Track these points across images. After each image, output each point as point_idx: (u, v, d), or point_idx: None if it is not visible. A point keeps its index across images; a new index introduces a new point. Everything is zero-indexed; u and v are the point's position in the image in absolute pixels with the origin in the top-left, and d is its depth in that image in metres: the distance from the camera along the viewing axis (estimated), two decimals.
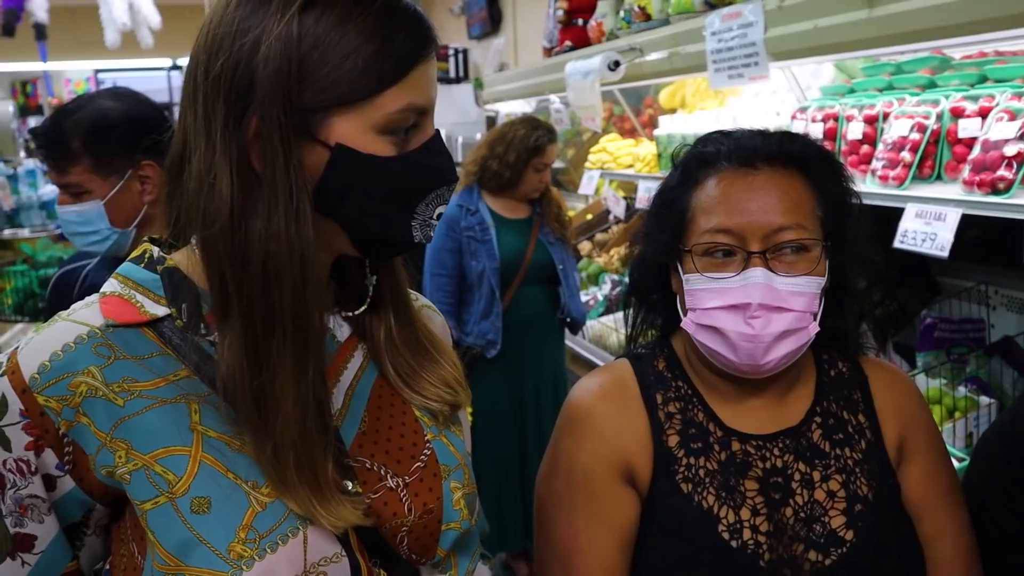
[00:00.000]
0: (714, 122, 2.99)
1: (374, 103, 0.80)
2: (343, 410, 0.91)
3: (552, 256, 3.29)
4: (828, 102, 2.26)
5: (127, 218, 1.73)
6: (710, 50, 2.34)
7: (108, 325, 0.83)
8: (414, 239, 0.87)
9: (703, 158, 1.16)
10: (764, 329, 1.07)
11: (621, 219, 4.08)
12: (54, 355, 0.81)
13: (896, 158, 1.90)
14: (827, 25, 1.89)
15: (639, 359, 1.23)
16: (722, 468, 1.14)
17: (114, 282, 0.87)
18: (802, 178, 1.13)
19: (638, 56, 2.83)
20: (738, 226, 1.09)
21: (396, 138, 0.83)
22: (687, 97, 3.57)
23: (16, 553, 0.84)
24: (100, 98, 1.78)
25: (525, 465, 3.30)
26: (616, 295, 3.51)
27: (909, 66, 2.12)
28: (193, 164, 0.81)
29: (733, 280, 1.09)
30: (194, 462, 0.81)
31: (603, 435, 1.16)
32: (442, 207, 0.88)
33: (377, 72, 0.80)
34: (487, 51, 6.23)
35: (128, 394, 0.81)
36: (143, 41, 5.12)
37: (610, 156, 3.91)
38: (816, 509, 1.13)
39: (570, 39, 3.57)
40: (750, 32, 2.17)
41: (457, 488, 0.95)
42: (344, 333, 0.94)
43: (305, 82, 0.78)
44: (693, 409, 1.18)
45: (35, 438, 0.80)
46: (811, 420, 1.18)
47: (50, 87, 8.40)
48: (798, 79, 2.63)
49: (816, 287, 1.10)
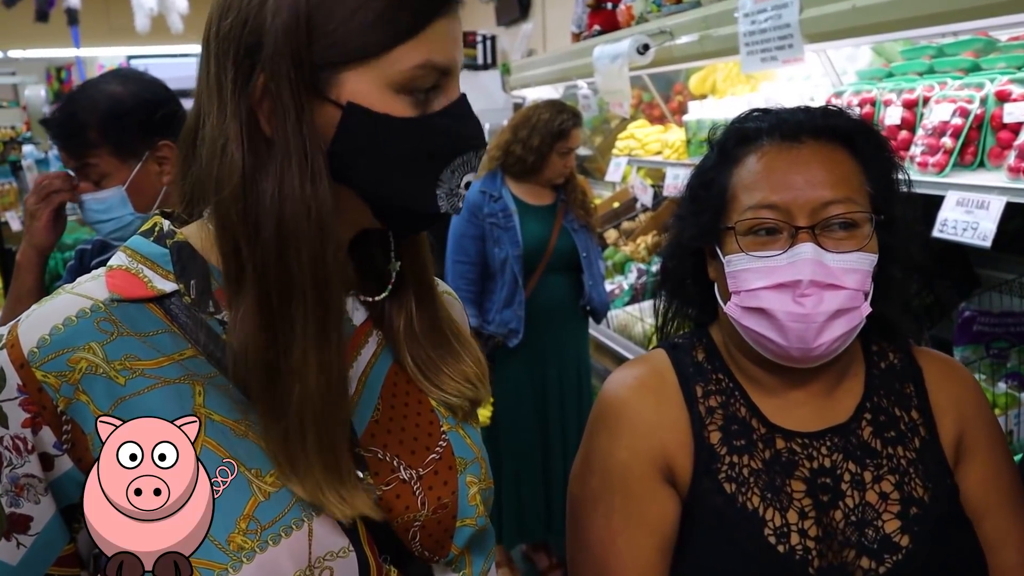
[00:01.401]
0: (746, 107, 2.91)
1: (388, 58, 0.76)
2: (355, 397, 0.86)
3: (576, 244, 3.23)
4: (865, 86, 2.19)
5: (148, 201, 1.72)
6: (742, 32, 2.27)
7: (113, 300, 0.80)
8: (439, 208, 0.81)
9: (743, 134, 1.11)
10: (816, 307, 1.01)
11: (648, 207, 4.01)
12: (54, 329, 0.78)
13: (936, 144, 1.83)
14: (866, 5, 1.82)
15: (676, 349, 1.17)
16: (767, 467, 1.08)
17: (122, 255, 0.84)
18: (848, 153, 1.07)
19: (668, 39, 2.77)
20: (784, 201, 1.03)
21: (415, 98, 0.78)
22: (718, 83, 3.49)
23: (11, 534, 0.81)
24: (108, 83, 1.77)
25: (547, 455, 3.26)
26: (642, 284, 3.45)
27: (951, 49, 2.04)
28: (206, 130, 0.78)
29: (780, 258, 1.02)
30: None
31: (640, 431, 1.10)
32: (470, 175, 0.83)
33: (391, 25, 0.75)
34: (515, 38, 6.18)
35: (130, 372, 0.78)
36: (173, 27, 5.13)
37: (638, 143, 3.85)
38: (868, 512, 1.06)
39: (599, 23, 3.51)
40: (784, 13, 2.10)
41: (473, 483, 0.90)
42: (359, 317, 0.90)
43: (314, 36, 0.74)
44: (735, 403, 1.11)
45: (32, 415, 0.77)
46: (861, 417, 1.11)
47: (83, 73, 8.48)
48: (833, 63, 2.55)
49: (868, 264, 1.04)
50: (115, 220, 1.73)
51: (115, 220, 1.73)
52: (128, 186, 1.70)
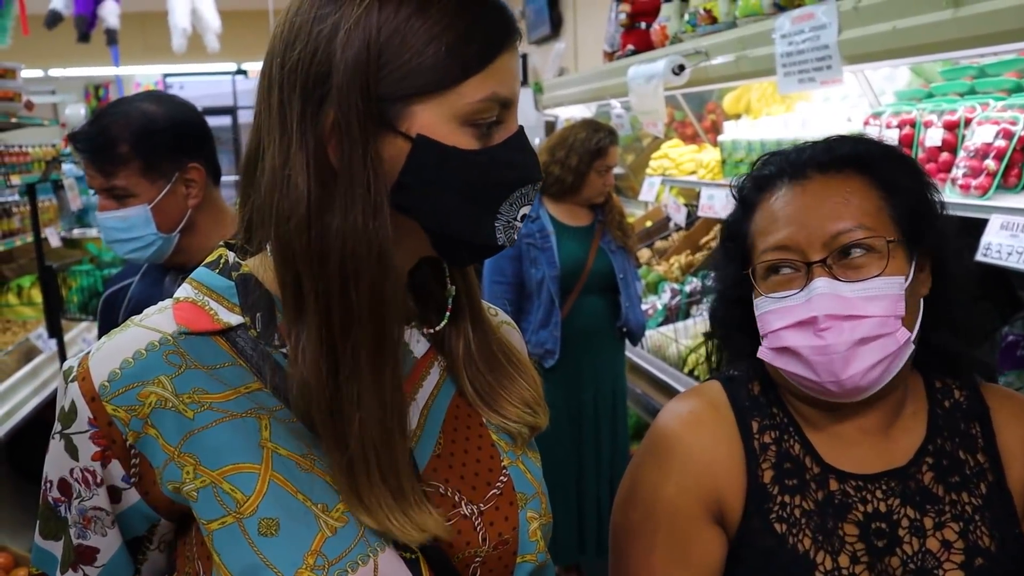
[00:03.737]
0: (782, 128, 2.90)
1: (457, 92, 0.76)
2: (418, 430, 0.86)
3: (613, 265, 3.21)
4: (904, 107, 2.16)
5: (172, 223, 1.71)
6: (779, 53, 2.26)
7: (180, 332, 0.81)
8: (497, 241, 0.82)
9: (758, 182, 1.11)
10: (837, 338, 0.98)
11: (682, 226, 4.00)
12: (125, 363, 0.79)
13: (979, 166, 1.80)
14: (907, 26, 1.81)
15: (732, 381, 1.14)
16: (819, 508, 1.04)
17: (188, 288, 0.84)
18: (861, 178, 1.05)
19: (703, 60, 2.76)
20: (793, 239, 1.02)
21: (479, 131, 0.78)
22: (752, 102, 3.47)
23: (78, 565, 0.83)
24: (141, 101, 1.76)
25: (581, 477, 3.24)
26: (676, 304, 3.43)
27: (993, 69, 2.01)
28: (267, 160, 0.78)
29: (797, 296, 1.01)
30: (263, 481, 0.77)
31: (692, 468, 1.07)
32: (526, 208, 0.83)
33: (460, 59, 0.76)
34: (547, 56, 6.20)
35: (198, 406, 0.78)
36: (210, 46, 5.21)
37: (672, 162, 3.84)
38: (929, 560, 1.02)
39: (633, 43, 3.51)
40: (823, 34, 2.09)
41: (534, 518, 0.89)
42: (421, 349, 0.90)
43: (385, 69, 0.74)
44: (789, 440, 1.08)
45: (102, 448, 0.78)
46: (922, 460, 1.06)
47: (122, 90, 8.63)
48: (871, 83, 2.53)
49: (896, 287, 0.99)
50: (136, 240, 1.70)
51: (136, 240, 1.70)
52: (154, 206, 1.68)
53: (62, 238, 4.56)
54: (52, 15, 4.36)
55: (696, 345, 2.88)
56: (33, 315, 4.21)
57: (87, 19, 4.54)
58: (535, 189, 0.83)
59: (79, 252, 4.94)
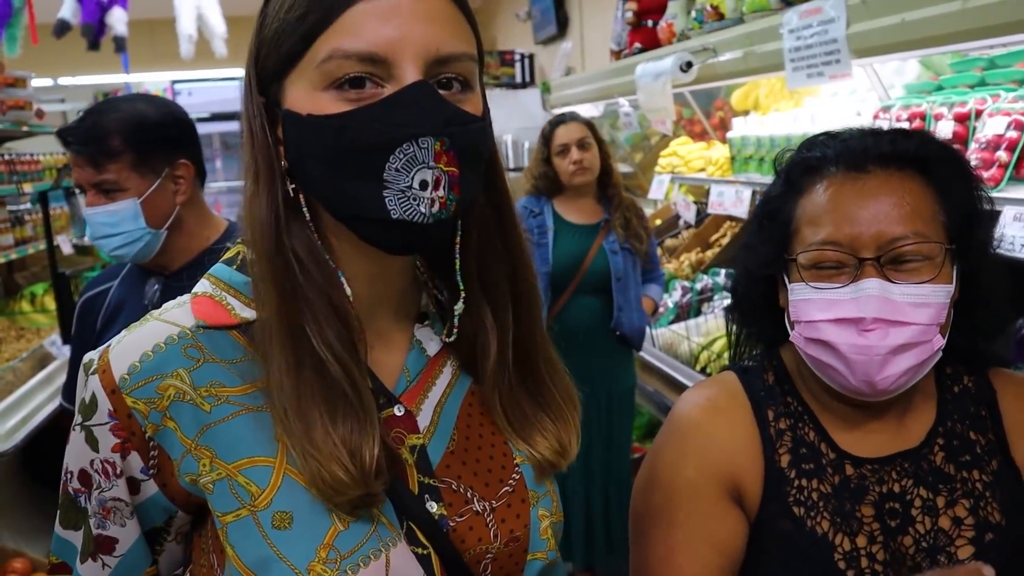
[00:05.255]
0: (791, 123, 2.89)
1: (309, 57, 0.75)
2: (431, 427, 0.86)
3: (610, 265, 3.17)
4: (914, 100, 2.16)
5: (160, 218, 1.73)
6: (787, 48, 2.26)
7: (199, 326, 0.82)
8: (391, 213, 0.73)
9: (808, 164, 1.07)
10: (881, 341, 0.97)
11: (691, 224, 3.99)
12: (144, 356, 0.79)
13: (991, 158, 1.79)
14: (916, 19, 1.80)
15: (747, 372, 1.15)
16: (835, 492, 1.05)
17: (206, 283, 0.86)
18: (920, 180, 1.02)
19: (711, 56, 2.76)
20: (848, 238, 1.00)
21: (345, 94, 0.74)
22: (760, 98, 3.47)
23: (97, 555, 0.84)
24: (134, 101, 1.80)
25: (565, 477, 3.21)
26: (687, 302, 3.42)
27: (1003, 60, 2.00)
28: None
29: (843, 291, 0.99)
30: (278, 474, 0.78)
31: (711, 451, 1.08)
32: (425, 172, 0.73)
33: (304, 23, 0.75)
34: (553, 56, 6.19)
35: (215, 399, 0.79)
36: (217, 51, 5.22)
37: (681, 160, 3.83)
38: (940, 538, 1.03)
39: (640, 41, 3.51)
40: (831, 28, 2.08)
41: (545, 516, 0.89)
42: (434, 348, 0.90)
43: (262, 51, 0.79)
44: (804, 428, 1.09)
45: (122, 440, 0.79)
46: (933, 442, 1.08)
47: None
48: (880, 76, 2.52)
49: (944, 296, 0.99)
50: (123, 235, 1.70)
51: (123, 235, 1.70)
52: (143, 201, 1.69)
53: (74, 245, 4.58)
54: (60, 24, 4.38)
55: (708, 342, 2.87)
56: (46, 322, 4.23)
57: (94, 27, 4.55)
58: (423, 150, 0.73)
59: (91, 259, 4.96)
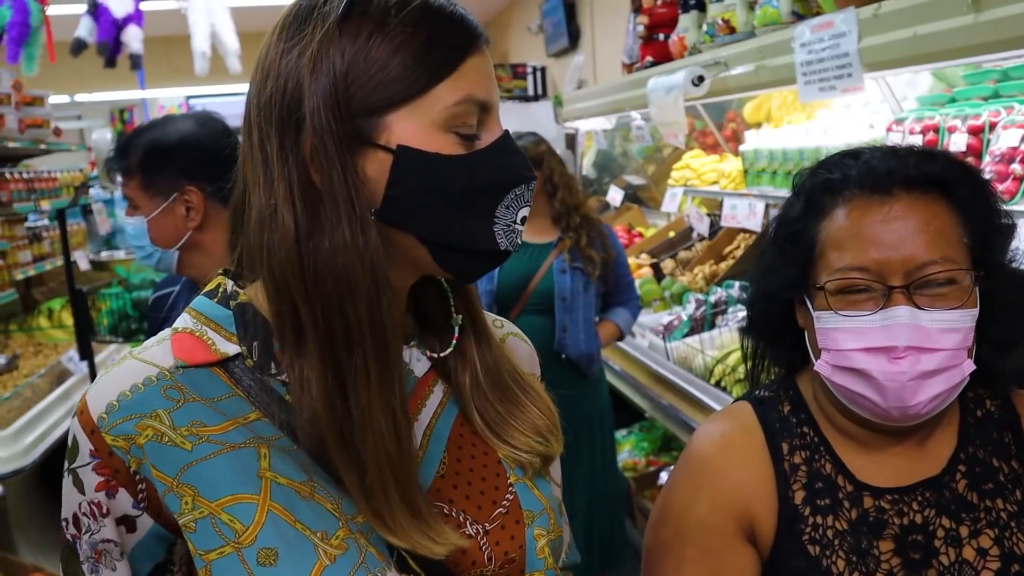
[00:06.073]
0: (804, 136, 2.89)
1: (430, 97, 0.77)
2: (421, 451, 0.86)
3: (555, 285, 3.04)
4: (927, 113, 2.15)
5: (168, 240, 1.78)
6: (799, 62, 2.26)
7: (178, 367, 0.81)
8: (499, 246, 0.81)
9: (829, 184, 1.05)
10: (914, 367, 0.96)
11: (705, 236, 3.98)
12: (122, 395, 0.79)
13: (1005, 171, 1.79)
14: (928, 32, 1.80)
15: (762, 403, 1.13)
16: (852, 528, 1.03)
17: (187, 317, 0.85)
18: (944, 203, 1.01)
19: (723, 70, 2.76)
20: (875, 263, 0.98)
21: (461, 136, 0.78)
22: (772, 110, 3.47)
23: None
24: (175, 121, 1.84)
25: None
26: (701, 315, 3.41)
27: (1017, 72, 2.00)
28: (253, 201, 0.79)
29: (872, 319, 0.98)
30: (262, 511, 0.78)
31: (724, 487, 1.07)
32: (525, 210, 0.82)
33: (427, 65, 0.76)
34: (565, 68, 6.21)
35: (196, 438, 0.79)
36: (231, 68, 5.27)
37: (694, 173, 3.83)
38: (965, 570, 1.01)
39: (651, 55, 3.51)
40: (843, 42, 2.08)
41: (541, 535, 0.89)
42: (421, 369, 0.90)
43: (354, 86, 0.76)
44: (820, 460, 1.08)
45: (106, 478, 0.79)
46: (955, 468, 1.06)
47: (147, 113, 8.75)
48: (893, 89, 2.52)
49: (971, 320, 0.99)
50: (141, 248, 1.81)
51: (141, 248, 1.81)
52: (149, 220, 1.76)
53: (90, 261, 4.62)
54: (77, 43, 4.43)
55: (722, 356, 2.87)
56: (64, 338, 4.27)
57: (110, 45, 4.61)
58: (529, 190, 0.83)
59: (107, 275, 5.00)
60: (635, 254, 4.30)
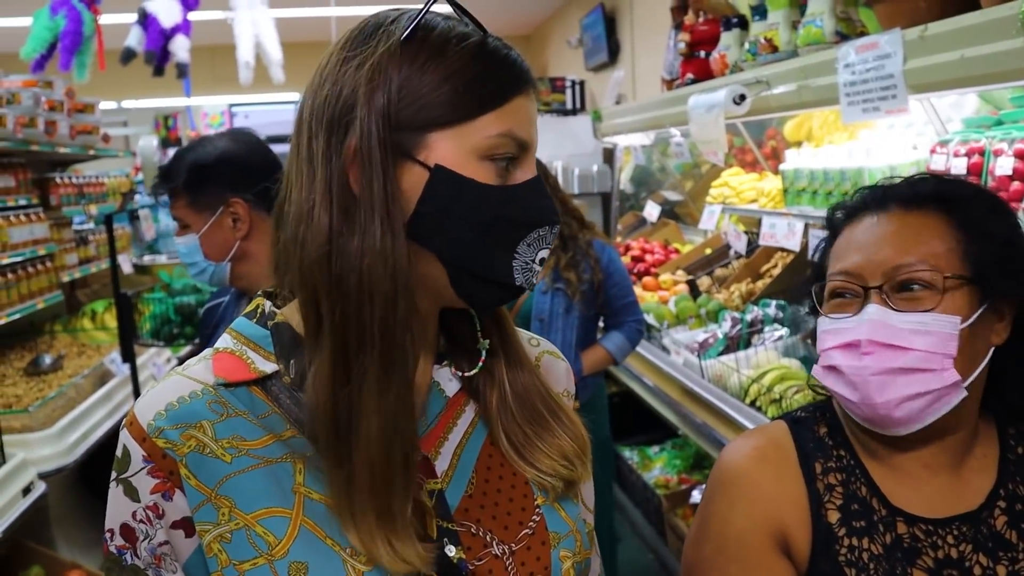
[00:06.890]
0: (846, 157, 2.87)
1: (473, 126, 0.80)
2: (450, 471, 0.88)
3: (533, 306, 3.00)
4: (973, 135, 2.13)
5: (220, 252, 1.85)
6: (843, 83, 2.25)
7: (219, 384, 0.84)
8: (515, 280, 0.83)
9: (846, 210, 1.14)
10: (875, 363, 1.01)
11: (742, 254, 3.96)
12: (169, 405, 0.82)
13: None
14: (976, 55, 1.78)
15: (798, 423, 1.15)
16: (887, 553, 1.04)
17: (227, 338, 0.88)
18: (942, 217, 1.06)
19: (764, 89, 2.75)
20: (856, 266, 1.06)
21: (497, 168, 0.81)
22: (813, 129, 3.45)
23: None
24: (211, 140, 1.91)
25: None
26: (737, 333, 3.40)
27: None
28: (292, 197, 0.82)
29: (850, 320, 1.05)
30: (294, 525, 0.80)
31: (758, 500, 1.08)
32: (544, 252, 0.85)
33: (476, 95, 0.80)
34: (604, 83, 6.23)
35: (236, 451, 0.81)
36: (275, 78, 5.35)
37: (733, 191, 3.82)
38: None
39: (692, 71, 3.52)
40: (887, 64, 2.07)
41: (567, 557, 0.90)
42: (453, 388, 0.91)
43: (405, 100, 0.79)
44: (855, 482, 1.09)
45: (161, 479, 0.81)
46: (994, 504, 1.06)
47: (192, 120, 8.90)
48: (937, 110, 2.49)
49: (949, 326, 1.00)
50: (194, 266, 1.88)
51: (194, 266, 1.88)
52: (201, 236, 1.84)
53: (133, 265, 4.71)
54: (127, 52, 4.53)
55: (758, 375, 2.85)
56: (106, 339, 4.35)
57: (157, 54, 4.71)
58: (552, 233, 0.85)
59: (149, 279, 5.09)
60: (671, 270, 4.29)
